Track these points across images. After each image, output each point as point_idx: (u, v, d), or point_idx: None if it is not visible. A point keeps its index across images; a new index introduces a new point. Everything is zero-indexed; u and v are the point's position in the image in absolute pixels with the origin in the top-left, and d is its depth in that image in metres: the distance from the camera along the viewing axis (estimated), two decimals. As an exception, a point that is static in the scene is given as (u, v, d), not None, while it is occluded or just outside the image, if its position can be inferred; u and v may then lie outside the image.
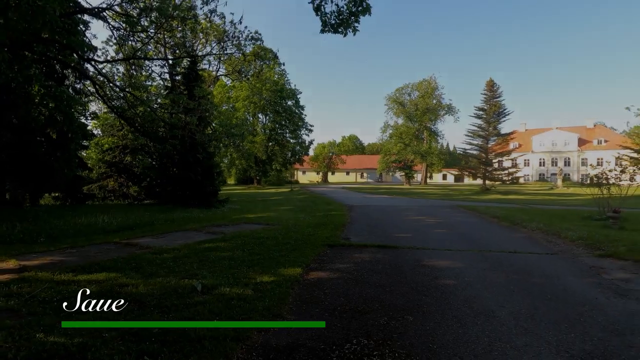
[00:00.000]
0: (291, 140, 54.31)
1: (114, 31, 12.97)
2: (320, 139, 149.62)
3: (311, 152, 77.66)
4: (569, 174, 67.64)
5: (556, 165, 69.73)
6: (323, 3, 6.68)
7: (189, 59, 20.73)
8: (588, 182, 15.60)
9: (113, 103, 15.03)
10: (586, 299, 4.82)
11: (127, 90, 14.83)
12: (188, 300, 4.45)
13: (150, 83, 24.09)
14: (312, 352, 3.35)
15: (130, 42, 14.06)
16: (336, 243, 8.52)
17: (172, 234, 9.83)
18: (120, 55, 15.01)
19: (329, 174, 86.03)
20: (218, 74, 36.53)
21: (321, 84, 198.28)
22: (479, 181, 46.30)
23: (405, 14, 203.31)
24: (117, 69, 19.65)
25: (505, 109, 44.97)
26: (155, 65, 23.90)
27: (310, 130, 54.96)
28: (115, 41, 14.16)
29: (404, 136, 58.05)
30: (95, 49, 14.01)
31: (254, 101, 48.31)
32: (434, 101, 59.52)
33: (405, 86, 61.62)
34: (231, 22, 28.76)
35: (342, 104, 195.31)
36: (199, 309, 4.17)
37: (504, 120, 45.36)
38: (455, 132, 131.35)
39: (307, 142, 55.28)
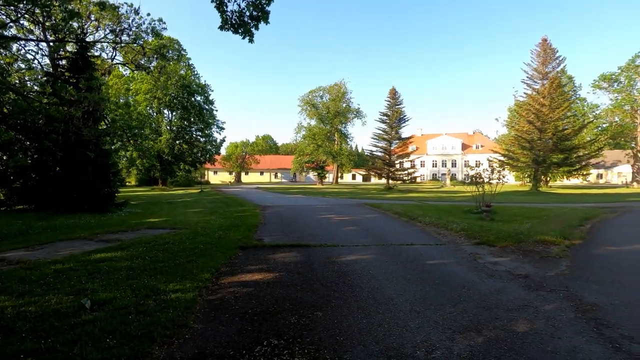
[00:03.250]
0: (201, 139, 51.28)
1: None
2: (234, 138, 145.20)
3: (223, 152, 74.72)
4: (455, 174, 78.18)
5: (445, 166, 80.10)
6: (226, 0, 6.57)
7: (76, 43, 17.99)
8: (468, 181, 18.28)
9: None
10: (465, 281, 5.66)
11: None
12: (73, 320, 3.87)
13: (25, 67, 20.28)
14: (221, 360, 3.24)
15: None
16: (249, 245, 8.37)
17: (54, 245, 8.43)
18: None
19: (243, 174, 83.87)
20: (114, 63, 32.50)
21: (235, 83, 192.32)
22: (384, 180, 50.41)
23: (316, 22, 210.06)
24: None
25: (405, 115, 49.75)
26: (30, 47, 20.19)
27: (222, 128, 52.73)
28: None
29: (317, 137, 59.90)
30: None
31: (157, 95, 44.29)
32: (344, 105, 62.77)
33: (318, 89, 63.67)
34: (131, 6, 26.02)
35: (257, 103, 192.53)
36: (87, 329, 3.66)
37: (404, 126, 50.19)
38: (363, 135, 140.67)
39: (218, 141, 52.83)
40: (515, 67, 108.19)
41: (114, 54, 30.70)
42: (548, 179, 51.78)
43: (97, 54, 27.72)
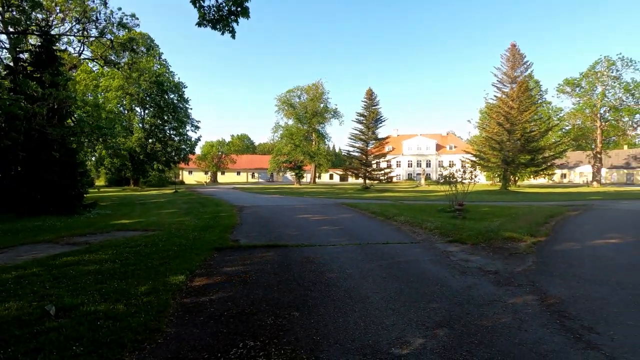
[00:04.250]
0: (175, 138, 49.89)
1: None
2: (209, 137, 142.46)
3: (198, 151, 73.16)
4: (430, 174, 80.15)
5: (420, 166, 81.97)
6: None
7: (39, 36, 17.07)
8: (442, 180, 18.78)
9: None
10: (438, 279, 5.81)
11: None
12: (36, 328, 3.68)
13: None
14: (195, 364, 3.18)
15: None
16: (225, 246, 8.24)
17: (15, 249, 7.98)
18: None
19: (219, 174, 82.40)
20: (82, 58, 31.06)
21: (211, 81, 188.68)
22: (361, 180, 50.94)
23: (297, 21, 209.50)
24: None
25: (381, 116, 50.45)
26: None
27: (197, 127, 51.54)
28: None
29: (295, 137, 59.75)
30: None
31: (129, 92, 42.75)
32: (322, 105, 62.98)
33: (296, 88, 63.54)
34: (100, -1, 24.99)
35: (233, 103, 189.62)
36: (51, 336, 3.49)
37: (381, 126, 50.83)
38: (340, 135, 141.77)
39: (193, 140, 51.59)
40: (488, 70, 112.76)
41: (81, 49, 29.38)
42: (516, 178, 54.02)
43: (63, 48, 26.43)
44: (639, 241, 9.23)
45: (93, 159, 45.39)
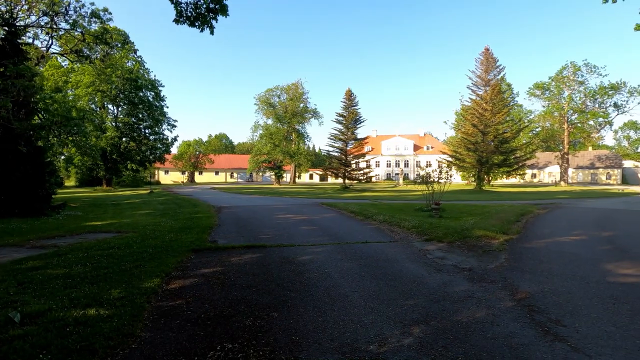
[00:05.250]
0: (150, 137, 48.41)
1: None
2: (187, 136, 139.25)
3: (175, 151, 71.39)
4: (407, 174, 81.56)
5: (399, 166, 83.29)
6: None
7: (2, 26, 16.16)
8: (419, 180, 19.16)
9: None
10: (415, 276, 5.93)
11: None
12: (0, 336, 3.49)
13: None
14: (171, 368, 3.11)
15: None
16: (202, 247, 8.08)
17: (-25, 254, 7.51)
18: None
19: (197, 174, 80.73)
20: (51, 53, 29.62)
21: (189, 80, 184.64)
22: (341, 180, 51.23)
23: (273, 20, 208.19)
24: None
25: (360, 117, 50.95)
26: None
27: (174, 126, 50.09)
28: None
29: (274, 137, 59.31)
30: None
31: (101, 89, 41.12)
32: (301, 105, 62.76)
33: (275, 88, 63.00)
34: (68, -10, 23.93)
35: (211, 101, 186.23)
36: (15, 345, 3.32)
37: (360, 126, 51.33)
38: (320, 135, 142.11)
39: (170, 139, 50.18)
40: (463, 73, 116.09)
41: (50, 42, 28.04)
42: (490, 178, 55.89)
43: (30, 41, 25.14)
44: (601, 237, 9.76)
45: (62, 157, 43.39)
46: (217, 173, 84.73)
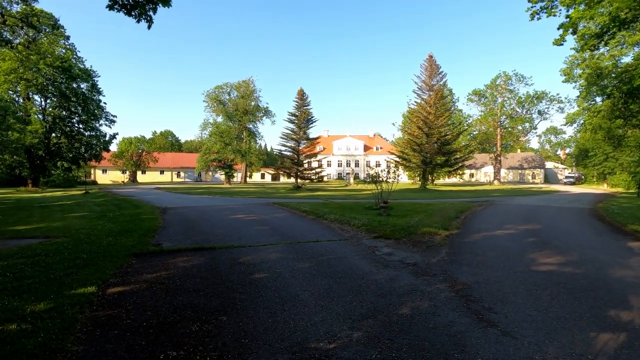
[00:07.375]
0: (85, 132, 44.36)
1: None
2: (128, 133, 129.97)
3: (115, 148, 66.24)
4: (358, 173, 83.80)
5: (350, 166, 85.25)
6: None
7: None
8: (369, 180, 19.79)
9: None
10: (364, 273, 6.12)
11: None
12: None
13: None
14: (107, 383, 2.89)
15: None
16: (145, 251, 7.60)
17: None
18: None
19: (139, 173, 75.59)
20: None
21: (130, 73, 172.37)
22: (293, 180, 51.19)
23: (222, 17, 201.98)
24: None
25: (312, 116, 51.38)
26: None
27: (113, 122, 46.41)
28: None
29: (225, 135, 57.54)
30: None
31: (26, 77, 36.82)
32: (253, 103, 61.62)
33: (225, 85, 61.13)
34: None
35: (155, 97, 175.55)
36: None
37: (312, 126, 51.79)
38: (272, 134, 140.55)
39: (108, 136, 46.37)
40: (410, 77, 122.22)
41: (-41, 23, 24.46)
42: (434, 177, 59.40)
43: None
44: (527, 231, 10.84)
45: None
46: (162, 172, 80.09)
